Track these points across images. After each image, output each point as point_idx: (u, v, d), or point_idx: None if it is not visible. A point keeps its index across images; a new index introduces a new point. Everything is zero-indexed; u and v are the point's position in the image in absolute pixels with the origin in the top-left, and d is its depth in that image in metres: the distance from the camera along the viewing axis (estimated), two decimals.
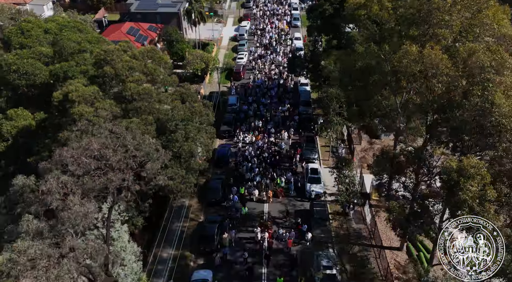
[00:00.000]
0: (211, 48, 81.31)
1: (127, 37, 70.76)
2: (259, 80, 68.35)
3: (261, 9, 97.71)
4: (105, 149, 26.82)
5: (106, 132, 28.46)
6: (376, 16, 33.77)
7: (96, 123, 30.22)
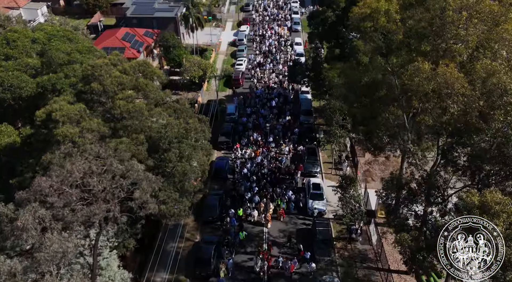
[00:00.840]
0: (209, 54, 78.87)
1: (122, 43, 68.37)
2: (259, 90, 65.67)
3: (260, 14, 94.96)
4: (89, 176, 24.48)
5: (91, 157, 26.08)
6: (383, 28, 31.31)
7: (81, 145, 27.81)
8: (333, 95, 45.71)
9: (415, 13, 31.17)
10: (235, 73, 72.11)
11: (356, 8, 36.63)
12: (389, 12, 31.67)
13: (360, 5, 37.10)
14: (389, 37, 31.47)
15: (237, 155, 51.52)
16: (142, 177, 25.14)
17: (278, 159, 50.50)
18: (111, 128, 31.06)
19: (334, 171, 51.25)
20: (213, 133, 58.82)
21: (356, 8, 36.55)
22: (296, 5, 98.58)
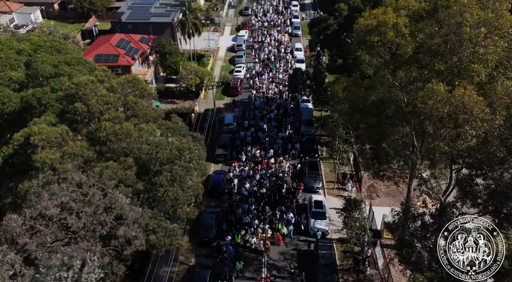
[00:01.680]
0: (207, 60, 76.26)
1: (116, 50, 65.78)
2: (258, 101, 62.77)
3: (259, 19, 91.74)
4: (67, 211, 21.95)
5: (71, 188, 23.53)
6: (391, 43, 28.73)
7: (62, 172, 25.24)
8: (336, 108, 43.13)
9: (426, 27, 28.58)
10: (233, 80, 69.52)
11: (362, 19, 34.05)
12: (397, 26, 29.09)
13: (365, 16, 34.54)
14: (397, 52, 28.89)
15: (235, 173, 48.48)
16: (127, 211, 22.59)
17: (278, 175, 47.69)
18: (96, 151, 28.49)
19: (337, 185, 48.72)
20: (210, 145, 56.41)
21: (361, 20, 33.97)
22: (296, 9, 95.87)
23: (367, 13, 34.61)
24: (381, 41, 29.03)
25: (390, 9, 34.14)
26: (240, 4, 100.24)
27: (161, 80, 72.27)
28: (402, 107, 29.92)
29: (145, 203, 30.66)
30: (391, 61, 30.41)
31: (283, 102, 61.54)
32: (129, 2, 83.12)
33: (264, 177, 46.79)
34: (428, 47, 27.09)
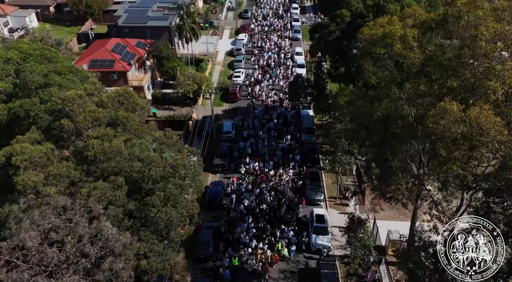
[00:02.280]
0: (206, 64, 74.43)
1: (112, 55, 63.96)
2: (257, 110, 60.65)
3: (259, 23, 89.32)
4: (48, 241, 20.12)
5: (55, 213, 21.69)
6: (399, 56, 26.87)
7: (46, 195, 23.40)
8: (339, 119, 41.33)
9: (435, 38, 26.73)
10: (232, 86, 67.64)
11: (366, 29, 32.21)
12: (405, 38, 27.22)
13: (370, 25, 32.69)
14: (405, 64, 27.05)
15: (233, 188, 46.25)
16: (113, 242, 20.76)
17: (278, 189, 45.70)
18: (83, 171, 26.63)
19: (340, 197, 46.90)
20: (208, 154, 54.63)
21: (365, 29, 32.13)
22: (296, 12, 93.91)
23: (371, 22, 32.75)
24: (388, 54, 27.16)
25: (396, 18, 32.33)
26: (239, 7, 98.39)
27: (158, 85, 70.44)
28: (409, 122, 28.07)
29: (136, 224, 28.85)
30: (398, 73, 28.56)
31: (283, 111, 59.44)
32: (125, 6, 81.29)
33: (264, 191, 44.74)
34: (439, 61, 25.23)
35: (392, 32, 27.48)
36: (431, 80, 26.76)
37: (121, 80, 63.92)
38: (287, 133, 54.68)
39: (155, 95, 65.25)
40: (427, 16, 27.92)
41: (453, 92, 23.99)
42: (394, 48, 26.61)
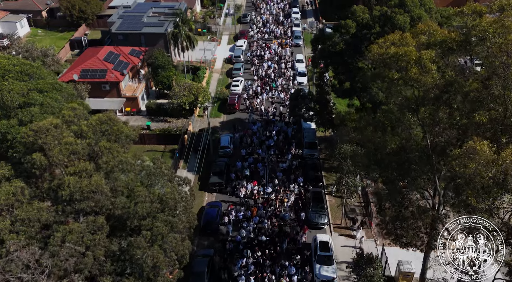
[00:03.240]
0: (203, 72, 71.22)
1: (104, 64, 60.77)
2: (256, 126, 56.78)
3: (259, 30, 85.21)
4: None
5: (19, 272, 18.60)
6: (415, 81, 23.76)
7: (11, 245, 20.31)
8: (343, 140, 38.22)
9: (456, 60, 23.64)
10: (230, 96, 64.38)
11: (375, 46, 29.01)
12: (421, 60, 24.10)
13: (380, 42, 29.50)
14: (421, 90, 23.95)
15: (231, 217, 42.35)
16: None
17: (278, 215, 42.24)
18: (58, 211, 23.51)
19: (345, 221, 43.81)
20: (205, 170, 51.54)
21: (375, 47, 28.93)
22: (297, 17, 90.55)
23: (381, 39, 29.55)
24: (402, 79, 24.04)
25: (408, 34, 29.18)
26: (238, 11, 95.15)
27: (153, 95, 67.30)
28: (427, 155, 24.97)
29: (120, 268, 25.75)
30: (414, 99, 25.44)
31: (284, 127, 55.81)
32: (120, 11, 78.10)
33: (263, 218, 41.31)
34: (464, 92, 22.08)
35: (407, 54, 24.32)
36: (451, 107, 23.65)
37: (114, 91, 60.82)
38: (288, 150, 51.08)
39: (150, 107, 62.12)
40: (446, 35, 24.73)
41: (482, 127, 20.89)
42: (410, 73, 23.48)
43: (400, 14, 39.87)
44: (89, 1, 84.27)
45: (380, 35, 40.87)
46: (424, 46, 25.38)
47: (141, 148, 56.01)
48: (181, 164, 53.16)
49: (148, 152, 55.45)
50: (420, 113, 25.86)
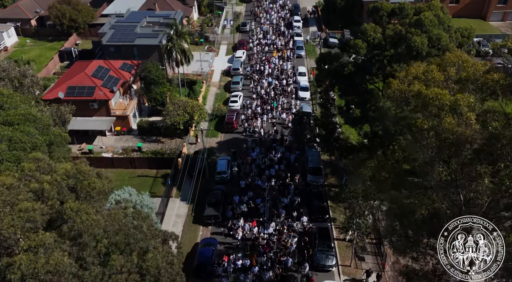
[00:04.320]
0: (199, 86, 66.67)
1: (92, 81, 56.22)
2: (255, 152, 51.22)
3: (258, 41, 79.51)
4: None
5: None
6: (450, 133, 19.33)
7: None
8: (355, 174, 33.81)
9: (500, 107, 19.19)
10: (228, 114, 59.77)
11: (396, 82, 24.60)
12: (457, 102, 19.65)
13: (401, 76, 25.11)
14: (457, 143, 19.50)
15: (228, 270, 36.98)
16: None
17: (281, 262, 37.27)
18: None
19: (355, 262, 39.36)
20: (199, 201, 46.89)
21: (395, 82, 24.52)
22: (299, 25, 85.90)
23: (402, 73, 25.12)
24: (434, 130, 19.60)
25: (434, 67, 24.72)
26: (237, 19, 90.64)
27: (146, 112, 62.77)
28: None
29: None
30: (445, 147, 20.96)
31: (286, 153, 50.65)
32: (112, 21, 73.53)
33: (264, 267, 36.53)
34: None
35: (439, 98, 19.85)
36: (495, 164, 19.22)
37: (103, 109, 56.28)
38: (291, 181, 45.98)
39: (141, 125, 57.59)
40: (491, 77, 20.23)
41: None
42: (444, 123, 19.04)
43: (417, 34, 35.37)
44: (80, 9, 79.75)
45: (394, 58, 36.49)
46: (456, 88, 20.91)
47: (132, 172, 51.53)
48: (173, 192, 48.63)
49: (138, 177, 50.97)
50: (451, 166, 21.43)
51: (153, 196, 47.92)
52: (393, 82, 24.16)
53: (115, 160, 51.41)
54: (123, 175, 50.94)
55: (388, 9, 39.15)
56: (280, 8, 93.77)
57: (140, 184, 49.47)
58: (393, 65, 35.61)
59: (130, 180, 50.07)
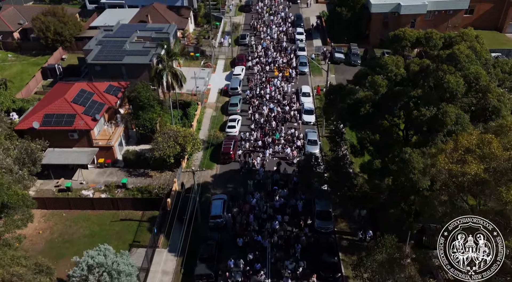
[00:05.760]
0: (194, 109, 60.23)
1: (73, 108, 49.67)
2: (254, 198, 43.92)
3: (259, 60, 71.59)
4: None
5: None
6: None
7: None
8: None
9: None
10: (225, 142, 53.28)
11: (442, 158, 18.75)
12: None
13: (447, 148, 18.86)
14: None
15: None
16: None
17: None
18: None
19: None
20: (190, 252, 40.16)
21: (441, 159, 18.82)
22: (301, 38, 79.27)
23: (449, 144, 18.91)
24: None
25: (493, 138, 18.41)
26: (236, 31, 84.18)
27: (134, 139, 56.29)
28: None
29: None
30: None
31: (292, 200, 43.23)
32: (99, 35, 67.11)
33: None
34: None
35: None
36: None
37: (84, 140, 49.80)
38: (298, 241, 38.66)
39: (127, 157, 51.20)
40: None
41: None
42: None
43: (450, 72, 28.96)
44: (67, 21, 73.24)
45: (422, 100, 30.11)
46: None
47: (114, 215, 45.08)
48: (161, 241, 42.19)
49: (121, 221, 44.56)
50: None
51: (137, 246, 41.73)
52: (439, 160, 18.19)
53: (95, 201, 45.03)
54: (104, 218, 44.60)
55: (412, 39, 32.72)
56: (282, 21, 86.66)
57: (123, 230, 43.17)
58: (422, 109, 29.22)
59: (112, 225, 43.76)
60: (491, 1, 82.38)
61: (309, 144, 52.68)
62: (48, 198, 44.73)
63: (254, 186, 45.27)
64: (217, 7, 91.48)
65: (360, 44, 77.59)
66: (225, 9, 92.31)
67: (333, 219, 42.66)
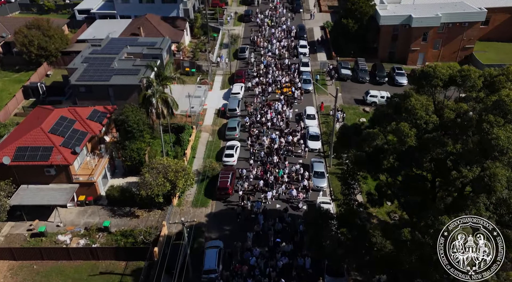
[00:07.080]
0: (188, 134, 54.18)
1: (50, 139, 43.55)
2: (254, 253, 37.64)
3: (260, 77, 65.21)
4: None
5: None
6: None
7: None
8: None
9: None
10: (221, 175, 46.92)
11: None
12: None
13: None
14: None
15: None
16: None
17: None
18: None
19: None
20: None
21: None
22: (305, 52, 73.21)
23: None
24: None
25: None
26: (235, 43, 78.04)
27: (120, 170, 50.35)
28: None
29: None
30: None
31: (299, 260, 36.28)
32: (86, 52, 61.12)
33: None
34: None
35: None
36: None
37: (62, 175, 43.71)
38: None
39: (111, 195, 45.15)
40: None
41: None
42: None
43: (498, 124, 22.97)
44: (52, 35, 67.09)
45: (463, 159, 24.03)
46: None
47: (93, 266, 38.92)
48: None
49: (101, 274, 38.50)
50: None
51: None
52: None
53: (71, 251, 38.97)
54: (81, 270, 38.53)
55: (445, 77, 26.54)
56: (284, 34, 79.90)
57: None
58: (463, 170, 23.19)
59: (90, 280, 37.78)
60: (507, 11, 76.44)
61: (315, 176, 46.77)
62: (16, 248, 38.65)
63: (253, 239, 38.97)
64: (215, 16, 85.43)
65: (368, 58, 71.64)
66: (223, 19, 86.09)
67: (345, 276, 36.71)
